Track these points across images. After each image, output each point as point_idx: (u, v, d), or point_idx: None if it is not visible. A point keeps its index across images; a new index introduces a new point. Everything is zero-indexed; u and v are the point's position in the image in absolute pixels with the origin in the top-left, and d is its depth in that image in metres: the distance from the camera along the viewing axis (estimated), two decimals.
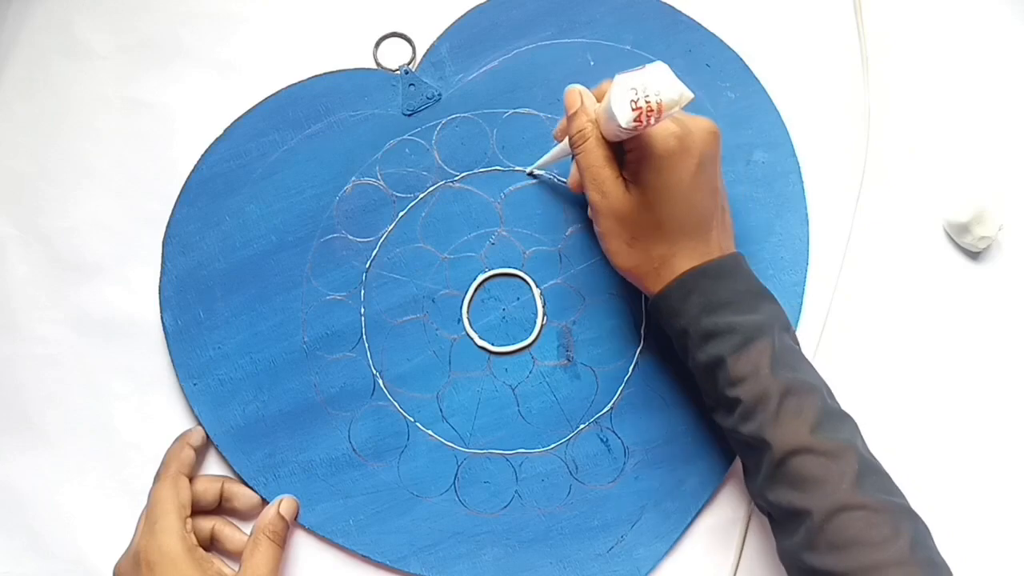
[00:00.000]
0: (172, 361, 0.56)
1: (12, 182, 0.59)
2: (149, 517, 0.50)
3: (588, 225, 0.56)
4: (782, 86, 0.57)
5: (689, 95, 0.42)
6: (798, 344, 0.48)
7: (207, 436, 0.55)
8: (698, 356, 0.47)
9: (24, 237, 0.59)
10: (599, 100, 0.49)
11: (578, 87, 0.49)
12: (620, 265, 0.49)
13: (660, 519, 0.53)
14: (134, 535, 0.51)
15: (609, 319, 0.55)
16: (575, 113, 0.48)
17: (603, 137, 0.47)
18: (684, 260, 0.47)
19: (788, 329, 0.48)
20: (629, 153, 0.47)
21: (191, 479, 0.53)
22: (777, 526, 0.46)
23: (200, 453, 0.54)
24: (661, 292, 0.48)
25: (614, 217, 0.47)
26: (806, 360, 0.47)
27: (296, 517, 0.54)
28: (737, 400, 0.45)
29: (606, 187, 0.47)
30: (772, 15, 0.59)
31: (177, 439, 0.54)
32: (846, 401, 0.54)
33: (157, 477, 0.52)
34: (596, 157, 0.47)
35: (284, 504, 0.53)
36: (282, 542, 0.52)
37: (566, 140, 0.50)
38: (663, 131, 0.46)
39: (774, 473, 0.44)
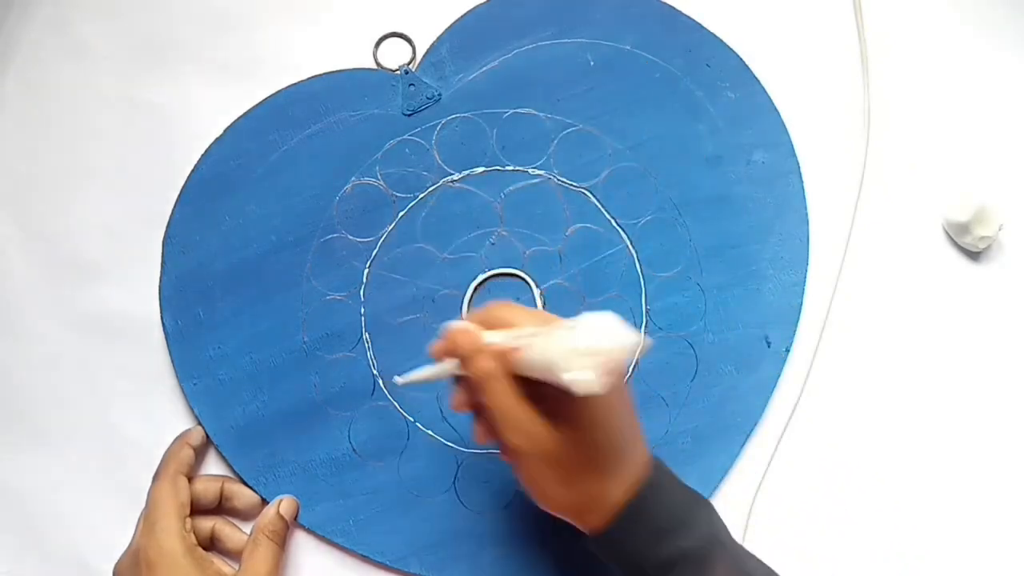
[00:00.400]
0: (172, 361, 0.56)
1: (12, 182, 0.59)
2: (148, 517, 0.50)
3: (588, 225, 0.56)
4: (782, 86, 0.57)
5: (644, 342, 0.39)
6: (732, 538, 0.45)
7: (207, 436, 0.55)
8: None
9: (24, 237, 0.59)
10: (485, 325, 0.43)
11: (461, 325, 0.43)
12: (556, 509, 0.43)
13: None
14: (134, 535, 0.51)
15: None
16: (474, 354, 0.42)
17: (510, 373, 0.41)
18: (618, 488, 0.43)
19: (724, 527, 0.44)
20: (545, 386, 0.40)
21: (190, 479, 0.53)
22: None
23: (200, 453, 0.54)
24: (604, 530, 0.43)
25: (543, 461, 0.42)
26: (752, 556, 0.45)
27: (296, 517, 0.53)
28: None
29: (527, 429, 0.41)
30: (772, 15, 0.59)
31: (176, 438, 0.54)
32: (846, 401, 0.54)
33: (156, 477, 0.52)
34: (509, 398, 0.41)
35: (284, 504, 0.53)
36: (282, 542, 0.52)
37: (446, 362, 0.45)
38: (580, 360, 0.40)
39: None
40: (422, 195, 0.57)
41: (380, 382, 0.55)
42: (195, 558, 0.49)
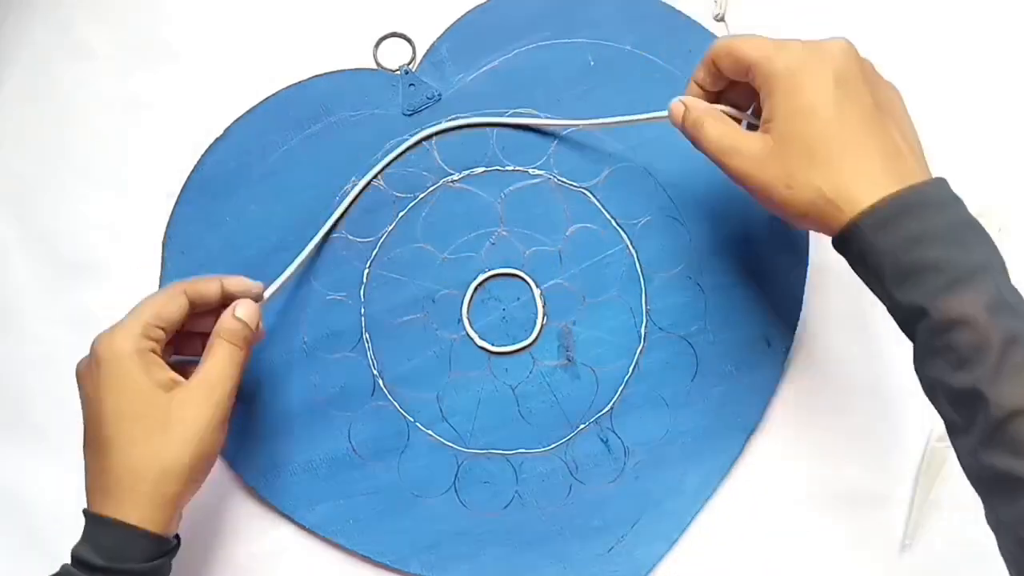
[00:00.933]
0: None
1: (13, 182, 0.59)
2: (128, 313, 0.48)
3: (588, 225, 0.56)
4: None
5: None
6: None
7: (259, 294, 0.51)
8: (897, 297, 0.40)
9: (24, 237, 0.59)
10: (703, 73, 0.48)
11: (676, 99, 0.48)
12: (793, 214, 0.43)
13: (660, 519, 0.53)
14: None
15: (609, 319, 0.55)
16: (684, 115, 0.47)
17: (719, 113, 0.46)
18: (866, 188, 0.41)
19: (1005, 270, 0.41)
20: (762, 95, 0.44)
21: (195, 306, 0.49)
22: (989, 493, 0.39)
23: (229, 300, 0.49)
24: (847, 227, 0.41)
25: (758, 166, 0.43)
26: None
27: (258, 322, 0.49)
28: (946, 347, 0.39)
29: (740, 145, 0.44)
30: (772, 15, 0.59)
31: (216, 276, 0.50)
32: (845, 402, 0.54)
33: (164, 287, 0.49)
34: (714, 128, 0.45)
35: (239, 307, 0.48)
36: (243, 343, 0.48)
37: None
38: (783, 52, 0.43)
39: (992, 435, 0.38)
40: (422, 195, 0.57)
41: (380, 382, 0.55)
42: (144, 361, 0.46)
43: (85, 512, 0.46)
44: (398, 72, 0.58)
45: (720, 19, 0.53)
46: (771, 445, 0.54)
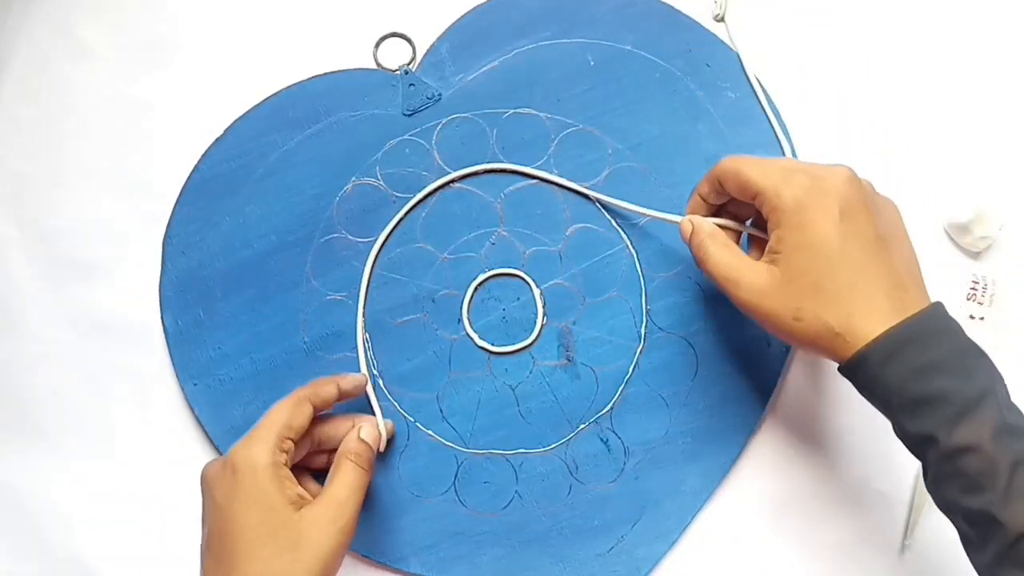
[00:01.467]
0: (172, 361, 0.56)
1: (12, 182, 0.60)
2: (254, 429, 0.48)
3: (588, 225, 0.56)
4: (782, 86, 0.57)
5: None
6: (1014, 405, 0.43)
7: (366, 387, 0.53)
8: (906, 426, 0.42)
9: (24, 237, 0.59)
10: (705, 188, 0.49)
11: (687, 217, 0.49)
12: (798, 342, 0.45)
13: (660, 519, 0.53)
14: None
15: (609, 319, 0.55)
16: (692, 235, 0.49)
17: (727, 239, 0.47)
18: (871, 321, 0.42)
19: (1005, 388, 0.42)
20: (769, 224, 0.45)
21: (317, 409, 0.50)
22: None
23: (345, 398, 0.52)
24: (854, 358, 0.43)
25: (766, 299, 0.44)
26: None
27: (383, 443, 0.52)
28: (957, 472, 0.41)
29: (747, 276, 0.45)
30: (772, 15, 0.59)
31: (331, 377, 0.52)
32: (845, 402, 0.54)
33: (289, 396, 0.50)
34: (722, 256, 0.46)
35: (364, 429, 0.50)
36: (367, 465, 0.49)
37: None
38: (790, 185, 0.44)
39: (1007, 554, 0.40)
40: (422, 195, 0.57)
41: (380, 382, 0.55)
42: (278, 476, 0.46)
43: None
44: (398, 72, 0.58)
45: (720, 19, 0.53)
46: (771, 445, 0.54)
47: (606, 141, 0.57)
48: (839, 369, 0.45)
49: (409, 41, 0.59)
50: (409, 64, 0.58)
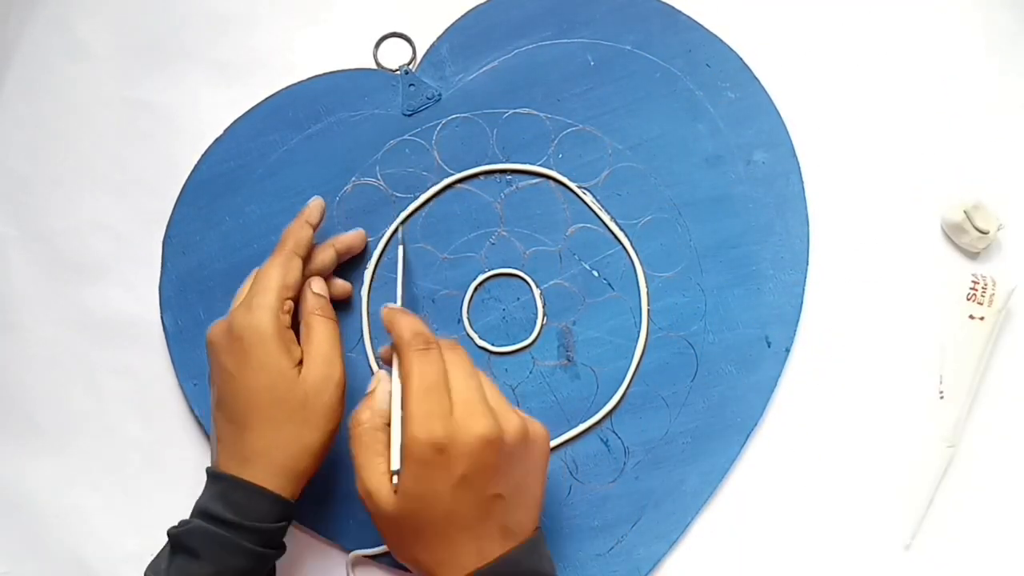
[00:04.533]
0: (172, 361, 0.56)
1: (12, 182, 0.60)
2: (251, 292, 0.50)
3: (588, 225, 0.56)
4: (782, 86, 0.57)
5: None
6: None
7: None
8: None
9: (24, 237, 0.59)
10: (392, 335, 0.47)
11: (382, 373, 0.47)
12: (401, 561, 0.46)
13: (660, 519, 0.53)
14: (232, 305, 0.51)
15: (609, 319, 0.55)
16: (365, 397, 0.46)
17: (382, 429, 0.45)
18: (452, 568, 0.43)
19: None
20: (396, 425, 0.45)
21: (305, 260, 0.52)
22: None
23: (318, 229, 0.53)
24: None
25: (381, 518, 0.44)
26: None
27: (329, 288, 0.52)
28: None
29: (371, 483, 0.44)
30: (772, 15, 0.59)
31: (297, 217, 0.53)
32: (845, 402, 0.54)
33: (272, 254, 0.51)
34: (366, 448, 0.45)
35: (314, 283, 0.51)
36: (332, 315, 0.51)
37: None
38: (426, 434, 0.42)
39: None
40: (422, 195, 0.57)
41: None
42: (283, 340, 0.48)
43: (212, 471, 0.48)
44: (398, 72, 0.58)
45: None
46: (771, 445, 0.54)
47: (606, 141, 0.57)
48: None
49: (409, 41, 0.59)
50: (409, 64, 0.59)
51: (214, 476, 0.48)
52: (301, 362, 0.49)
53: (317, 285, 0.52)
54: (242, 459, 0.47)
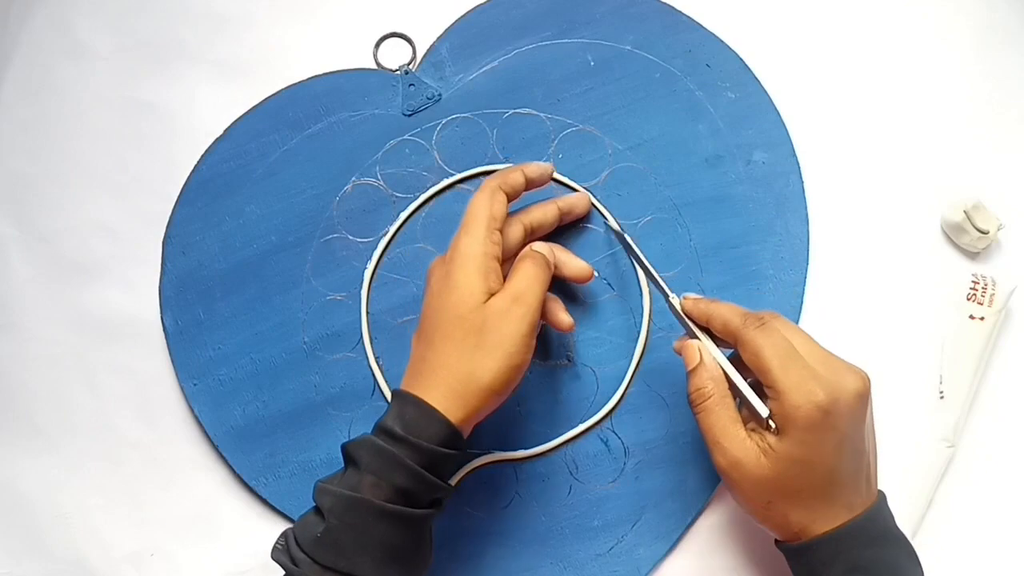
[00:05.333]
0: (172, 361, 0.56)
1: (13, 182, 0.60)
2: (464, 221, 0.50)
3: (588, 225, 0.56)
4: (782, 86, 0.57)
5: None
6: None
7: (552, 173, 0.54)
8: None
9: (24, 237, 0.59)
10: (712, 326, 0.47)
11: (697, 343, 0.48)
12: (757, 518, 0.47)
13: (660, 519, 0.53)
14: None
15: (609, 319, 0.55)
16: (695, 369, 0.47)
17: (728, 395, 0.46)
18: (825, 522, 0.45)
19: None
20: (773, 418, 0.45)
21: (511, 197, 0.51)
22: None
23: (532, 184, 0.52)
24: (797, 547, 0.45)
25: (746, 481, 0.45)
26: None
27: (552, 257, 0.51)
28: None
29: (735, 452, 0.45)
30: (772, 15, 0.59)
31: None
32: None
33: (480, 188, 0.51)
34: (719, 418, 0.46)
35: (536, 244, 0.51)
36: (545, 263, 0.49)
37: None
38: (808, 401, 0.43)
39: None
40: (422, 195, 0.57)
41: (380, 382, 0.55)
42: (486, 265, 0.48)
43: (395, 391, 0.47)
44: (398, 72, 0.58)
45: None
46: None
47: (606, 141, 0.57)
48: (776, 542, 0.47)
49: (409, 41, 0.59)
50: (409, 64, 0.59)
51: (394, 393, 0.48)
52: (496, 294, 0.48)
53: (539, 245, 0.51)
54: (419, 375, 0.47)
